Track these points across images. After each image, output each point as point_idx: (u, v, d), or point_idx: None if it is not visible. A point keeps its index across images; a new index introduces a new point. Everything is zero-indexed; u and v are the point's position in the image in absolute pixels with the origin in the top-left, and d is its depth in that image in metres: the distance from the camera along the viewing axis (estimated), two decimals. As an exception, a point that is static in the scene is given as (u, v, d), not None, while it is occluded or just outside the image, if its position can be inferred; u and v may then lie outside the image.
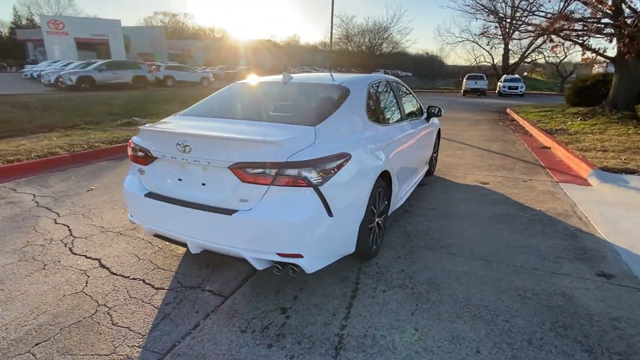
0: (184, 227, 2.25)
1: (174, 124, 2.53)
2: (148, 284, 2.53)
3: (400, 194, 3.42)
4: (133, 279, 2.59)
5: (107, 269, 2.72)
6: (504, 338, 2.02)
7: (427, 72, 57.16)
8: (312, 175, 2.01)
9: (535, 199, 4.32)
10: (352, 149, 2.34)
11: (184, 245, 2.36)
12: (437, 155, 5.49)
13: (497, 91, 26.61)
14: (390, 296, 2.39)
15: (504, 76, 26.60)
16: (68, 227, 3.44)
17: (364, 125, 2.70)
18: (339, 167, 2.17)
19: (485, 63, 37.98)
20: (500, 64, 37.20)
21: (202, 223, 2.15)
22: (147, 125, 2.48)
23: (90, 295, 2.39)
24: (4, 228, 3.40)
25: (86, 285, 2.50)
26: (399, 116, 3.55)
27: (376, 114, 3.03)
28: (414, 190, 4.03)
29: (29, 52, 53.58)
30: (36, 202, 4.08)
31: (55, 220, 3.59)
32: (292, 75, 3.11)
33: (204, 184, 2.17)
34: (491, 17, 20.20)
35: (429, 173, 5.15)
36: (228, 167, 2.03)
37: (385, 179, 2.90)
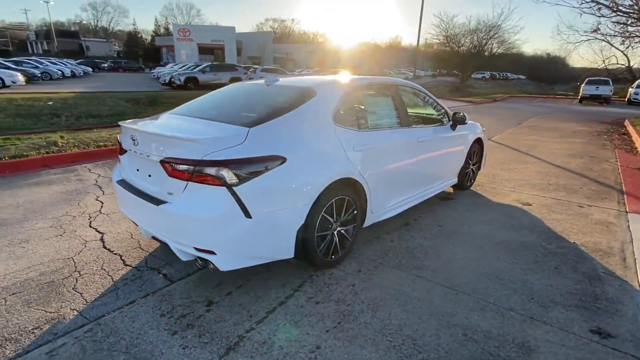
0: (136, 213, 2.50)
1: (146, 121, 2.80)
2: (122, 260, 2.87)
3: (386, 204, 3.19)
4: (115, 254, 2.96)
5: (103, 242, 3.16)
6: (407, 378, 1.77)
7: (545, 76, 50.68)
8: (227, 175, 2.05)
9: (579, 229, 3.58)
10: (292, 152, 2.29)
11: None
12: (478, 168, 4.91)
13: (626, 98, 22.25)
14: (320, 309, 2.28)
15: (637, 81, 22.02)
16: (102, 204, 4.06)
17: (327, 129, 2.60)
18: (267, 169, 2.16)
19: (619, 65, 31.84)
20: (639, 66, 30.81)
21: (145, 210, 2.36)
22: (125, 121, 2.78)
23: (75, 262, 2.82)
24: (60, 199, 4.18)
25: (78, 254, 2.95)
26: (395, 122, 3.30)
27: (353, 119, 2.88)
28: (435, 203, 3.70)
29: (164, 56, 63.19)
30: (96, 181, 4.89)
31: (97, 197, 4.27)
32: (279, 78, 3.16)
33: (149, 175, 2.38)
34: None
35: (461, 187, 4.65)
36: (159, 161, 2.20)
37: (353, 186, 2.75)
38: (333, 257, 2.73)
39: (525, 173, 5.71)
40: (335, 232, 2.71)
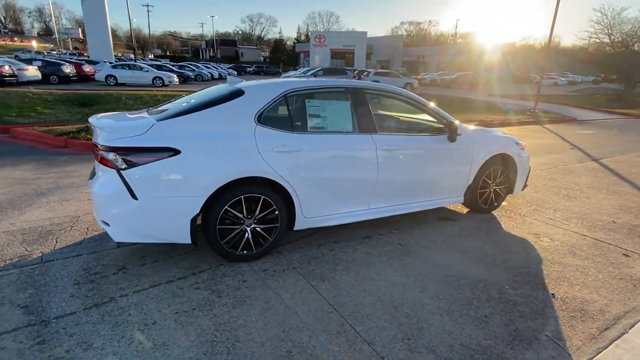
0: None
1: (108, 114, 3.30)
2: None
3: (328, 211, 3.08)
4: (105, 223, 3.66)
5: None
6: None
7: None
8: (117, 160, 2.40)
9: (588, 281, 2.77)
10: (190, 146, 2.51)
11: None
12: (508, 190, 4.16)
13: None
14: (193, 294, 2.44)
15: None
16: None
17: (245, 129, 2.70)
18: (157, 159, 2.44)
19: None
20: None
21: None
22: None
23: (80, 220, 3.60)
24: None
25: (87, 214, 3.75)
26: (347, 127, 3.13)
27: (283, 121, 2.89)
28: (427, 220, 3.41)
29: (301, 61, 68.95)
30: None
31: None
32: (242, 79, 3.37)
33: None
34: None
35: (476, 209, 4.03)
36: (94, 144, 2.68)
37: (273, 186, 2.79)
38: (245, 252, 2.83)
39: (594, 204, 4.51)
40: (248, 229, 2.81)
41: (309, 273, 2.74)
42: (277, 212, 2.86)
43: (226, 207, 2.65)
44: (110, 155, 2.43)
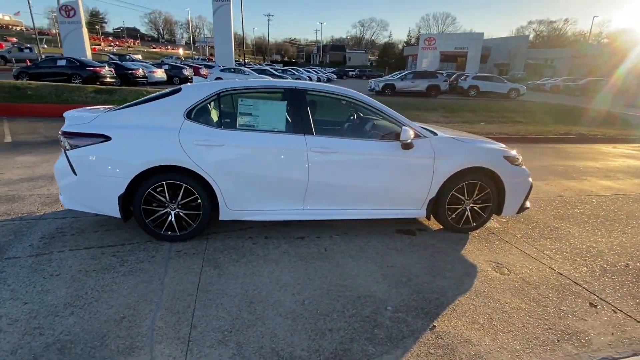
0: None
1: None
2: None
3: (253, 206, 3.21)
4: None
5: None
6: None
7: None
8: (64, 142, 2.98)
9: (498, 324, 2.34)
10: (120, 134, 2.95)
11: None
12: (497, 210, 3.66)
13: None
14: (78, 253, 2.87)
15: None
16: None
17: (172, 122, 3.03)
18: (92, 143, 2.94)
19: None
20: None
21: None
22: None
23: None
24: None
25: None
26: (279, 127, 3.19)
27: (211, 117, 3.13)
28: (384, 232, 3.36)
29: (409, 64, 67.39)
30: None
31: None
32: (207, 81, 3.70)
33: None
34: None
35: (450, 227, 3.63)
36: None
37: (195, 176, 3.07)
38: (169, 233, 3.18)
39: (623, 243, 3.60)
40: (172, 212, 3.14)
41: (210, 260, 2.94)
42: (199, 201, 3.13)
43: (149, 190, 3.03)
44: (61, 138, 3.03)
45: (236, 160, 3.11)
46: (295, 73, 31.44)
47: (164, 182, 3.04)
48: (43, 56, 24.70)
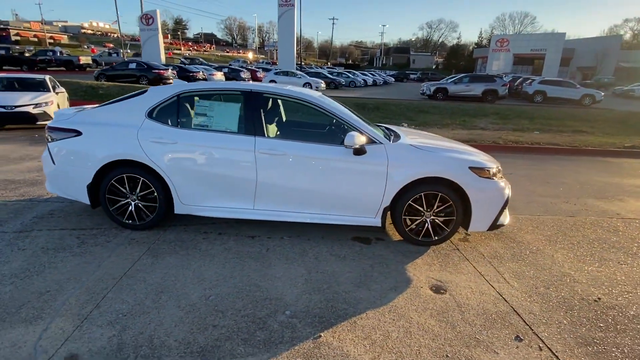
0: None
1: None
2: (108, 187, 4.81)
3: (204, 202, 3.37)
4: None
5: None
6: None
7: None
8: (47, 135, 3.41)
9: (360, 339, 2.22)
10: (89, 129, 3.31)
11: None
12: (464, 224, 3.43)
13: None
14: (51, 232, 3.25)
15: None
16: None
17: (135, 120, 3.32)
18: (66, 137, 3.34)
19: None
20: None
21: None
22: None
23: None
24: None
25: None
26: (232, 127, 3.30)
27: (169, 116, 3.35)
28: (342, 239, 3.41)
29: (478, 67, 63.58)
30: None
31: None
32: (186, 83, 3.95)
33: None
34: None
35: (405, 238, 3.47)
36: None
37: (151, 171, 3.33)
38: (130, 221, 3.48)
39: (601, 273, 3.12)
40: (132, 203, 3.44)
41: (154, 250, 3.16)
42: (156, 194, 3.38)
43: (112, 181, 3.35)
44: (46, 132, 3.48)
45: (188, 158, 3.30)
46: (350, 76, 31.48)
47: (124, 175, 3.34)
48: (125, 59, 27.86)
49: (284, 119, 3.72)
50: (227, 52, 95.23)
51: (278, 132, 3.52)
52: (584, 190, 5.62)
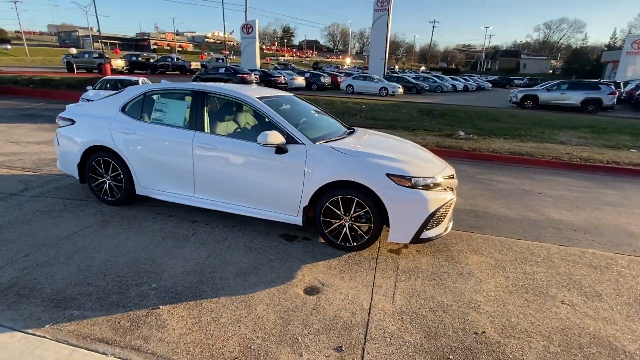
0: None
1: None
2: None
3: (156, 187, 3.87)
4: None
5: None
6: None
7: None
8: (57, 122, 4.32)
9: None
10: (80, 119, 4.11)
11: None
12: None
13: None
14: (44, 200, 4.07)
15: None
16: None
17: (111, 113, 4.00)
18: (66, 124, 4.19)
19: None
20: None
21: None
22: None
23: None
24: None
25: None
26: (179, 122, 3.73)
27: (135, 111, 3.93)
28: (274, 235, 3.75)
29: (606, 72, 54.34)
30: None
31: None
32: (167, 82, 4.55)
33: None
34: None
35: (331, 242, 3.47)
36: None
37: (117, 156, 3.97)
38: (106, 197, 4.18)
39: (528, 309, 2.67)
40: (107, 182, 4.13)
41: (106, 221, 3.77)
42: (121, 176, 4.02)
43: (92, 163, 4.09)
44: (57, 120, 4.40)
45: (143, 147, 3.85)
46: (437, 80, 29.98)
47: (100, 158, 4.05)
48: (229, 65, 31.25)
49: (227, 117, 4.01)
50: (327, 57, 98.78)
51: (217, 129, 3.83)
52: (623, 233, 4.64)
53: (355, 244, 3.35)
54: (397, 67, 69.24)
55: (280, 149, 3.35)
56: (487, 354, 2.21)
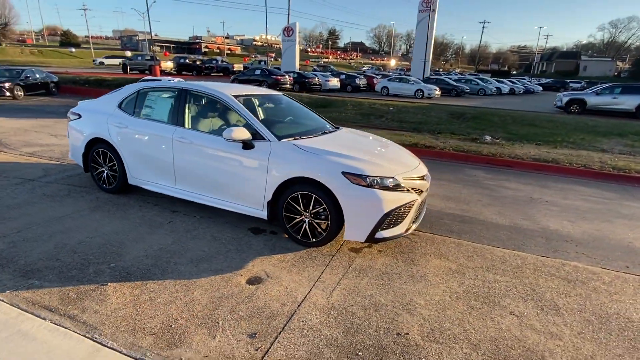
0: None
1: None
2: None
3: (144, 177, 4.18)
4: (146, 160, 6.35)
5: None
6: None
7: None
8: (68, 116, 4.80)
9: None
10: (85, 114, 4.54)
11: None
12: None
13: None
14: (42, 185, 4.53)
15: None
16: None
17: (110, 109, 4.38)
18: (75, 118, 4.65)
19: None
20: None
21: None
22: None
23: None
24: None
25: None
26: (164, 118, 4.00)
27: (128, 107, 4.27)
28: (236, 225, 3.99)
29: (683, 76, 48.75)
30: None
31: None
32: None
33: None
34: None
35: (296, 239, 3.57)
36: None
37: (111, 147, 4.34)
38: (104, 185, 4.58)
39: (468, 319, 2.58)
40: (105, 172, 4.53)
41: (97, 206, 4.14)
42: (116, 167, 4.39)
43: (93, 153, 4.51)
44: (69, 115, 4.88)
45: (132, 140, 4.18)
46: (480, 83, 28.72)
47: (100, 149, 4.45)
48: (271, 67, 32.13)
49: (209, 113, 4.21)
50: (372, 59, 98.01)
51: (198, 124, 4.05)
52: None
53: (314, 240, 3.41)
54: (440, 69, 67.04)
55: (246, 145, 3.50)
56: (398, 355, 2.18)
